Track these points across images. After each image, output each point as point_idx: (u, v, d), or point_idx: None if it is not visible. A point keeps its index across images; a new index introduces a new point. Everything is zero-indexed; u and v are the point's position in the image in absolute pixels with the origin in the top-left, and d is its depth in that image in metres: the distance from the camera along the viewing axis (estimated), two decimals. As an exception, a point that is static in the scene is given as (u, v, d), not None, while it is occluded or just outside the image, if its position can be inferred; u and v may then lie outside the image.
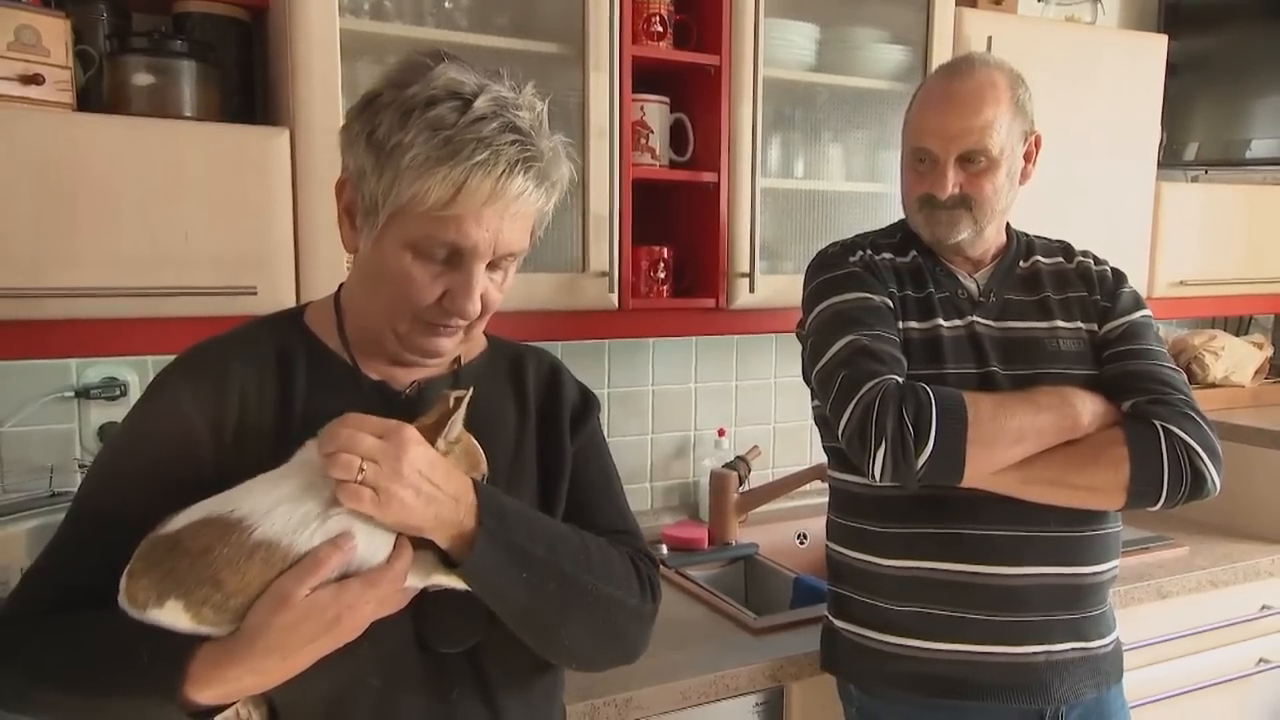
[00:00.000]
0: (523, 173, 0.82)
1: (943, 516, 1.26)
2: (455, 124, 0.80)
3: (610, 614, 0.91)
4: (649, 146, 1.72)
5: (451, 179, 0.80)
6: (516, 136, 0.82)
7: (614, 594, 0.91)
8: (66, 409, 1.59)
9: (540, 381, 1.02)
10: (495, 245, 0.84)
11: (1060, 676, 1.27)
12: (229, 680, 0.75)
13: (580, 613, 0.89)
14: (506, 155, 0.81)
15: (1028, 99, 1.31)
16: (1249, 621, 2.01)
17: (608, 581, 0.91)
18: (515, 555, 0.83)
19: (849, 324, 1.27)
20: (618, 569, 0.93)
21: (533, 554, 0.85)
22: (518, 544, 0.84)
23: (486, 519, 0.82)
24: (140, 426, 0.88)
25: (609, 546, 0.94)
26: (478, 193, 0.81)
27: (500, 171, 0.81)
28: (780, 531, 2.11)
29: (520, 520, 0.86)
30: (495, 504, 0.84)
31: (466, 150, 0.80)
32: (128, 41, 1.38)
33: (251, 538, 0.75)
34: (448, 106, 0.81)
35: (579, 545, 0.90)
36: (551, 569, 0.86)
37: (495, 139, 0.81)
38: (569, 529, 0.92)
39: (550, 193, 0.87)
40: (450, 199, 0.80)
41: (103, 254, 1.27)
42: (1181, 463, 1.18)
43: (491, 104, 0.82)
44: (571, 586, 0.87)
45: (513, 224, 0.85)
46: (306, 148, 1.38)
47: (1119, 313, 1.32)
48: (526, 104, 0.85)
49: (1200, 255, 2.31)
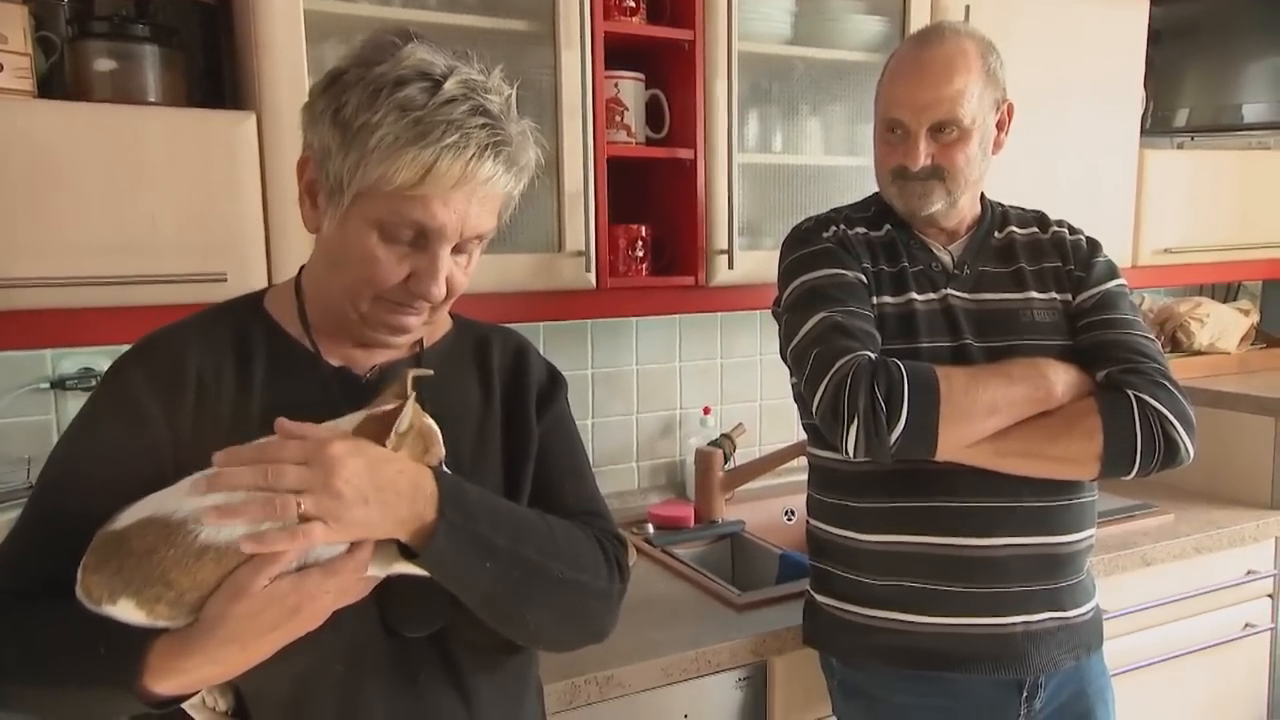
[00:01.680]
0: (492, 156, 0.82)
1: (920, 490, 1.26)
2: (425, 105, 0.79)
3: (576, 597, 0.91)
4: (624, 124, 1.70)
5: (421, 160, 0.79)
6: (486, 120, 0.82)
7: (579, 577, 0.90)
8: (43, 400, 1.59)
9: (505, 362, 1.02)
10: (462, 228, 0.84)
11: (1038, 646, 1.27)
12: (188, 670, 0.75)
13: (545, 597, 0.89)
14: (476, 139, 0.81)
15: (999, 67, 1.30)
16: (1234, 586, 2.02)
17: (573, 565, 0.90)
18: (478, 545, 0.83)
19: (822, 301, 1.26)
20: (584, 551, 0.93)
21: (495, 543, 0.84)
22: (480, 534, 0.83)
23: (448, 511, 0.81)
24: (96, 415, 0.87)
25: (575, 528, 0.94)
26: (447, 175, 0.80)
27: (470, 155, 0.80)
28: (767, 508, 2.12)
29: (482, 509, 0.85)
30: (456, 494, 0.83)
31: (436, 132, 0.79)
32: (89, 26, 1.36)
33: (198, 539, 0.74)
34: (417, 87, 0.80)
35: (544, 530, 0.90)
36: (515, 556, 0.85)
37: (465, 122, 0.80)
38: (534, 514, 0.92)
39: (519, 177, 0.87)
40: (418, 180, 0.80)
41: (69, 243, 1.26)
42: (1155, 432, 1.18)
43: (461, 86, 0.81)
44: (536, 572, 0.87)
45: (480, 207, 0.84)
46: (274, 131, 1.37)
47: (1093, 282, 1.32)
48: (495, 88, 0.85)
49: (1187, 222, 2.29)
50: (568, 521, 0.94)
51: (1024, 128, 1.34)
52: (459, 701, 0.92)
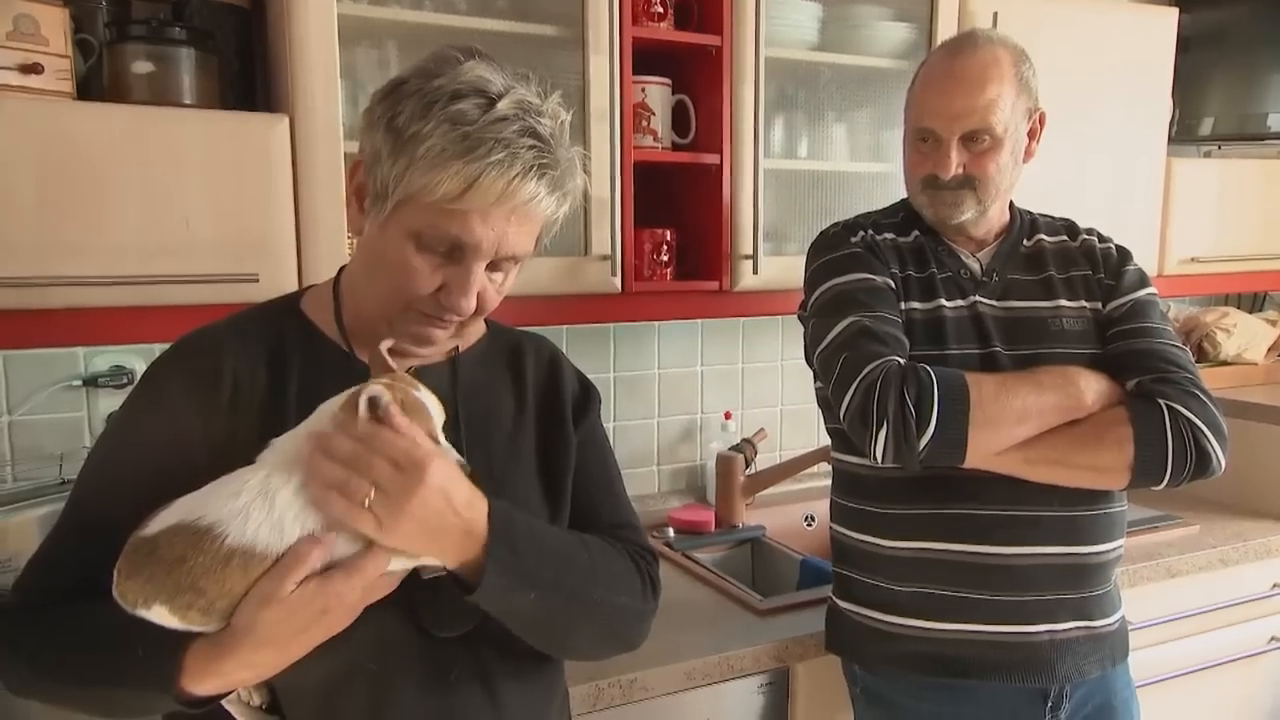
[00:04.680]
0: (536, 178, 0.82)
1: (946, 497, 1.25)
2: (476, 121, 0.80)
3: (615, 619, 0.94)
4: (651, 129, 1.71)
5: (464, 174, 0.80)
6: (535, 142, 0.82)
7: (619, 601, 0.93)
8: (75, 398, 1.61)
9: (539, 371, 1.02)
10: (499, 246, 0.84)
11: (1064, 656, 1.27)
12: (224, 673, 0.76)
13: (585, 621, 0.91)
14: (523, 159, 0.81)
15: (1032, 75, 1.29)
16: (1260, 600, 2.00)
17: (612, 589, 0.92)
18: (523, 579, 0.84)
19: (850, 305, 1.26)
20: (621, 573, 0.94)
21: (541, 576, 0.85)
22: (526, 569, 0.84)
23: (495, 548, 0.81)
24: (133, 416, 0.88)
25: (611, 549, 0.95)
26: (489, 191, 0.80)
27: (514, 174, 0.81)
28: (788, 514, 2.11)
29: (529, 543, 0.86)
30: (506, 529, 0.83)
31: (483, 148, 0.80)
32: (126, 29, 1.38)
33: (225, 545, 0.74)
34: (471, 103, 0.81)
35: (585, 560, 0.91)
36: (559, 587, 0.87)
37: (514, 141, 0.81)
38: (574, 539, 0.93)
39: (561, 202, 0.87)
40: (460, 194, 0.80)
41: (104, 243, 1.28)
42: (1186, 442, 1.17)
43: (515, 107, 0.82)
44: (577, 599, 0.89)
45: (519, 227, 0.85)
46: (306, 134, 1.38)
47: (1123, 290, 1.31)
48: (550, 112, 0.85)
49: (1213, 231, 2.28)
50: (604, 541, 0.96)
51: (1050, 135, 1.34)
52: (487, 702, 0.92)
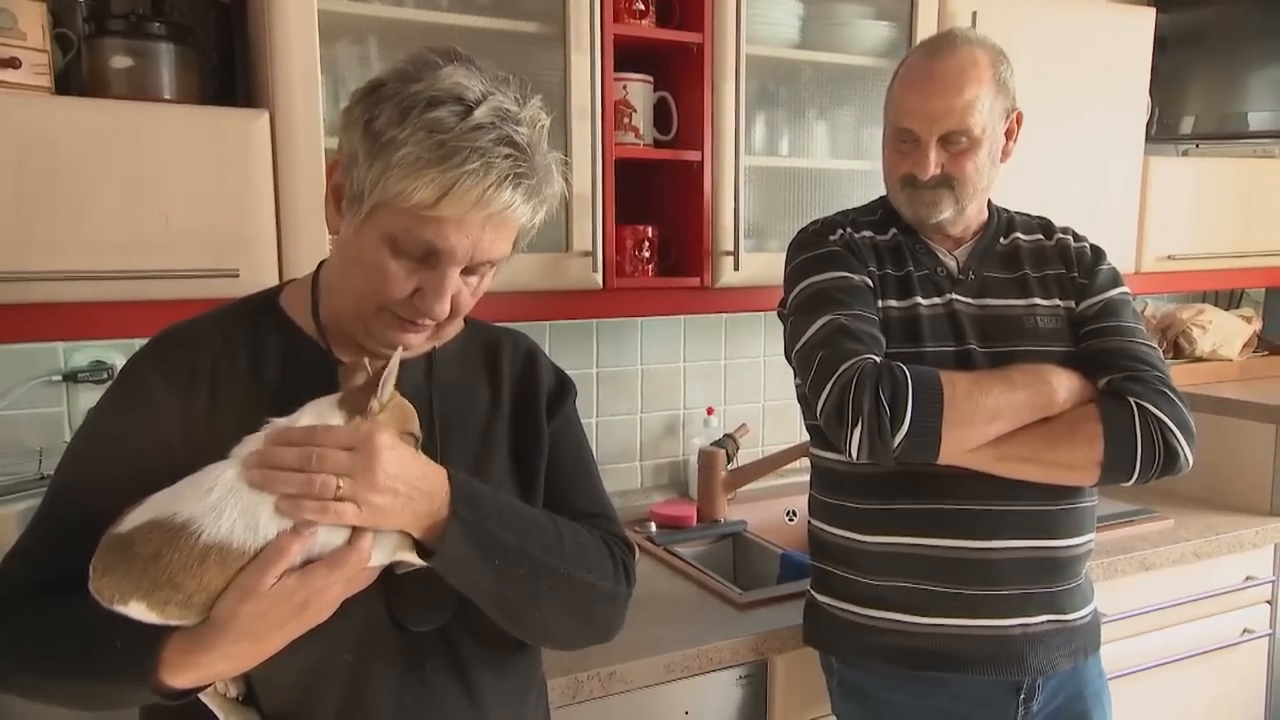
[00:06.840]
0: (512, 186, 0.82)
1: (921, 492, 1.27)
2: (453, 129, 0.80)
3: (582, 597, 0.93)
4: (632, 126, 1.71)
5: (439, 182, 0.80)
6: (511, 150, 0.82)
7: (586, 578, 0.92)
8: (55, 392, 1.60)
9: (516, 366, 1.03)
10: (474, 252, 0.84)
11: (1036, 648, 1.29)
12: (202, 666, 0.77)
13: (552, 597, 0.90)
14: (499, 168, 0.81)
15: (1010, 76, 1.30)
16: (1233, 592, 2.03)
17: (580, 566, 0.92)
18: (487, 544, 0.84)
19: (828, 303, 1.28)
20: (591, 553, 0.94)
21: (504, 541, 0.85)
22: (489, 532, 0.85)
23: (460, 509, 0.82)
24: (112, 410, 0.89)
25: (582, 530, 0.96)
26: (463, 200, 0.81)
27: (489, 183, 0.81)
28: (769, 509, 2.13)
29: (492, 508, 0.87)
30: (468, 493, 0.84)
31: (459, 157, 0.80)
32: (106, 24, 1.38)
33: (200, 541, 0.75)
34: (448, 110, 0.81)
35: (552, 531, 0.91)
36: (523, 555, 0.87)
37: (490, 150, 0.81)
38: (542, 514, 0.93)
39: (538, 209, 0.87)
40: (435, 201, 0.80)
41: (84, 237, 1.27)
42: (1155, 439, 1.19)
43: (492, 114, 0.82)
44: (543, 572, 0.88)
45: (494, 234, 0.85)
46: (287, 130, 1.38)
47: (1096, 289, 1.33)
48: (529, 119, 0.85)
49: (1190, 229, 2.30)
50: (576, 524, 0.96)
51: (1029, 134, 1.35)
52: (463, 693, 0.93)
